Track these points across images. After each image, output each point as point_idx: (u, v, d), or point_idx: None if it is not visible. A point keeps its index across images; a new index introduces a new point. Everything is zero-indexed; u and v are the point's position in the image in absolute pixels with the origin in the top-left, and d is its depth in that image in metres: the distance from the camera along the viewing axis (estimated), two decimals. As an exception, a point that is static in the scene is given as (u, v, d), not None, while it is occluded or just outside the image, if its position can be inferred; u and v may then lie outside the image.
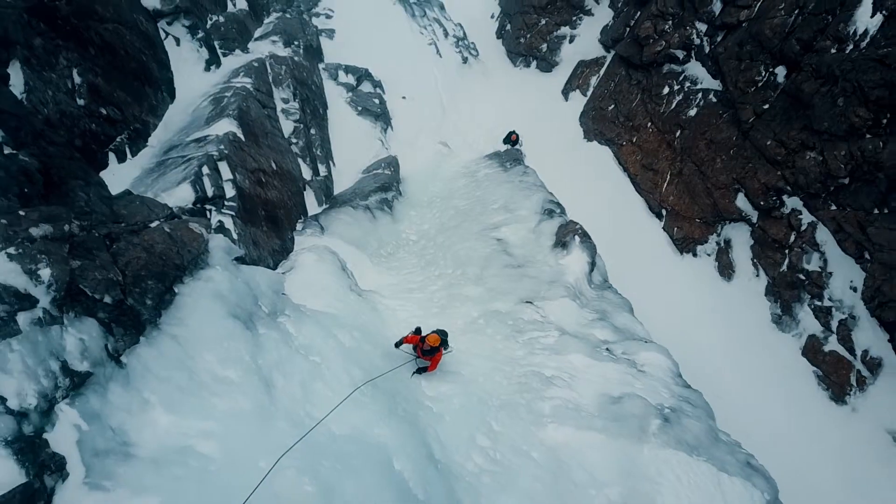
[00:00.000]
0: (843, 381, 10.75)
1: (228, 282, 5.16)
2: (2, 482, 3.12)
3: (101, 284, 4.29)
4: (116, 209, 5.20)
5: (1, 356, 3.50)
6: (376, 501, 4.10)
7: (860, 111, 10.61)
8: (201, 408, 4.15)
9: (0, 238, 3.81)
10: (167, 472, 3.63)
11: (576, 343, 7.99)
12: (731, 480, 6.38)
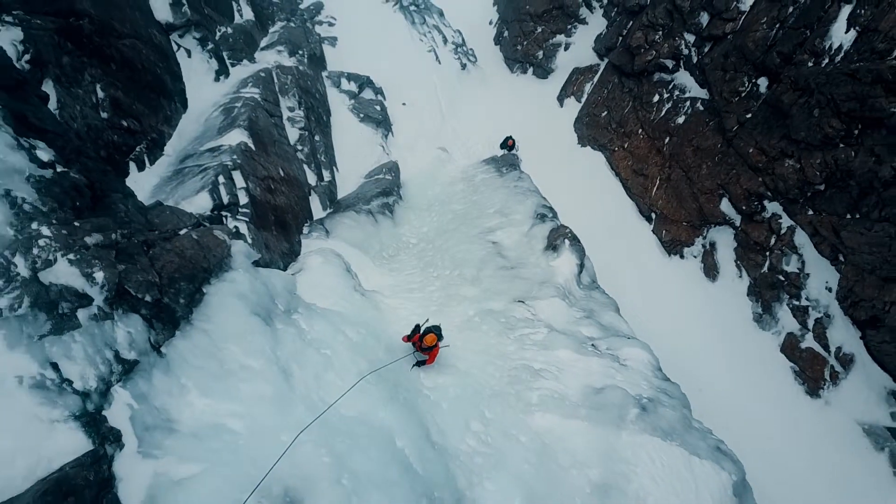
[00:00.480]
0: (817, 375, 11.41)
1: (249, 283, 5.82)
2: (75, 448, 3.80)
3: (143, 285, 4.95)
4: (150, 218, 5.86)
5: (66, 346, 4.18)
6: (381, 472, 4.76)
7: (833, 122, 11.28)
8: (230, 392, 4.81)
9: (62, 245, 4.48)
10: (205, 445, 4.28)
11: (563, 339, 8.65)
12: (701, 463, 7.03)
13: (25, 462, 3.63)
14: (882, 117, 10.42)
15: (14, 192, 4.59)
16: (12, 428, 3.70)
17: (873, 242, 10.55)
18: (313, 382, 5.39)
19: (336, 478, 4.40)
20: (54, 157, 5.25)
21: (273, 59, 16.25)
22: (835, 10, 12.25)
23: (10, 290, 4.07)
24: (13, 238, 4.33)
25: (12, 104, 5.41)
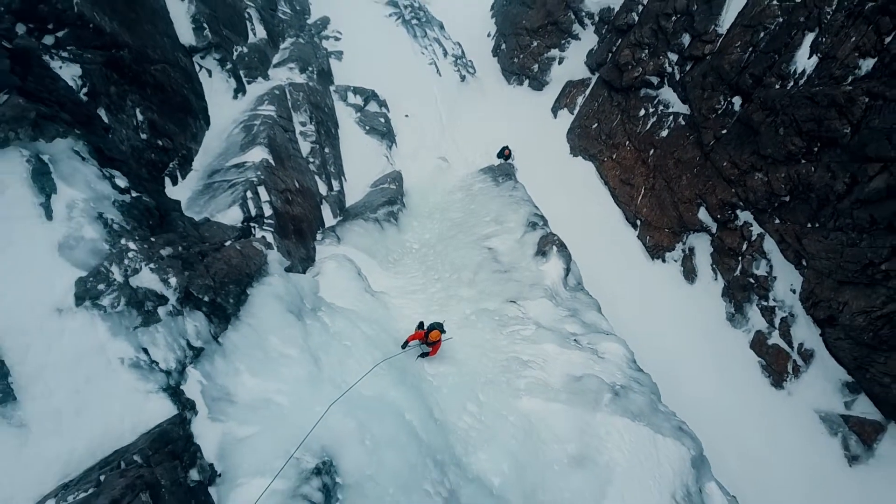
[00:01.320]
0: (781, 369, 12.61)
1: (283, 286, 7.03)
2: (165, 412, 5.01)
3: (202, 288, 6.16)
4: (201, 232, 7.07)
5: (152, 335, 5.39)
6: (394, 437, 5.96)
7: (796, 140, 12.50)
8: (273, 373, 6.02)
9: (144, 257, 5.68)
10: (258, 413, 5.49)
11: (549, 335, 9.85)
12: (664, 440, 8.24)
13: (130, 422, 4.86)
14: (836, 137, 11.63)
15: (105, 214, 5.80)
16: (120, 396, 4.92)
17: (829, 249, 11.76)
18: (338, 367, 6.60)
19: (360, 439, 5.60)
20: (128, 184, 6.46)
21: (285, 76, 17.46)
22: (799, 37, 13.47)
23: (110, 293, 5.28)
24: (109, 251, 5.54)
25: (92, 139, 6.62)
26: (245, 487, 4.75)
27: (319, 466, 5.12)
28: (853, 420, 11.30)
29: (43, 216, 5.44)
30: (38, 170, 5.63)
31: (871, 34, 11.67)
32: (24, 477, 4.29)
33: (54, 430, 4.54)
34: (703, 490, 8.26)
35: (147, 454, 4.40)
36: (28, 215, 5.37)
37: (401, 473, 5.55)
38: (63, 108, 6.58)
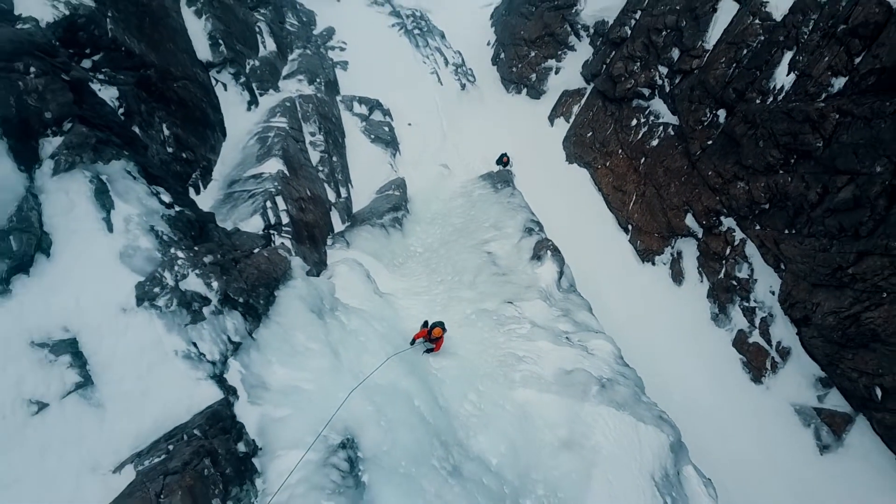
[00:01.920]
0: (760, 366, 13.51)
1: (305, 288, 7.94)
2: (213, 396, 5.90)
3: (238, 291, 7.07)
4: (233, 241, 7.98)
5: (199, 331, 6.30)
6: (406, 419, 6.86)
7: (774, 152, 13.42)
8: (300, 364, 6.93)
9: (191, 264, 6.59)
10: (290, 398, 6.40)
11: (543, 333, 10.76)
12: (645, 427, 9.14)
13: (185, 403, 5.76)
14: (810, 150, 12.55)
15: (156, 227, 6.72)
16: (175, 382, 5.83)
17: (804, 254, 12.67)
18: (355, 360, 7.50)
19: (377, 420, 6.50)
20: (172, 199, 7.37)
21: (294, 88, 18.38)
22: (779, 55, 14.38)
23: (164, 295, 6.19)
24: (161, 259, 6.45)
25: (138, 159, 7.54)
26: (282, 459, 5.65)
27: (344, 442, 6.02)
28: (825, 412, 12.20)
29: (105, 229, 6.36)
30: (99, 189, 6.54)
31: (843, 54, 12.59)
32: (104, 447, 5.20)
33: (125, 409, 5.45)
34: (681, 472, 9.16)
35: (204, 429, 5.30)
36: (93, 228, 6.28)
37: (412, 450, 6.45)
38: (112, 132, 7.51)
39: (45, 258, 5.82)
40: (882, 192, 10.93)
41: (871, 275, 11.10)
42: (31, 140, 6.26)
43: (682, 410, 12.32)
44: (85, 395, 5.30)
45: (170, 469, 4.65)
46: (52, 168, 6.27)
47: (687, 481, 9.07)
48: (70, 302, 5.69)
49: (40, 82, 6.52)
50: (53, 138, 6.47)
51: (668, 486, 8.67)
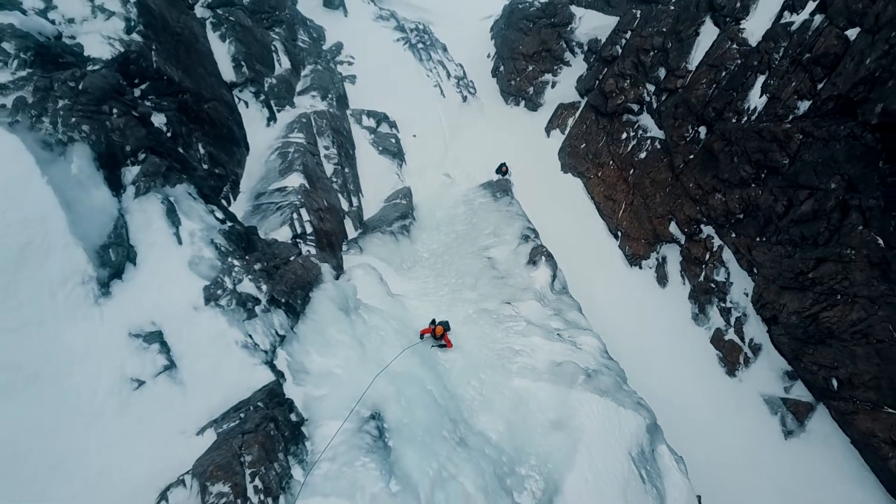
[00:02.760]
0: (734, 360, 14.93)
1: (334, 290, 9.35)
2: (267, 378, 7.31)
3: (280, 293, 8.48)
4: (273, 250, 9.39)
5: (253, 325, 7.71)
6: (421, 399, 8.26)
7: (746, 167, 14.86)
8: (333, 354, 8.34)
9: (245, 270, 8.01)
10: (326, 380, 7.80)
11: (537, 330, 12.17)
12: (625, 411, 10.54)
13: (245, 384, 7.17)
14: (777, 167, 13.98)
15: (215, 240, 8.13)
16: (237, 366, 7.23)
17: (773, 259, 14.11)
18: (377, 351, 8.90)
19: (398, 399, 7.90)
20: (224, 216, 8.79)
21: (309, 104, 19.80)
22: (753, 78, 15.83)
23: (225, 296, 7.61)
24: (221, 267, 7.86)
25: (195, 181, 8.95)
26: (324, 427, 7.04)
27: (373, 415, 7.41)
28: (790, 402, 13.63)
29: (176, 242, 7.78)
30: (169, 209, 7.97)
31: (807, 80, 14.04)
32: (187, 417, 6.61)
33: (201, 387, 6.86)
34: (656, 450, 10.57)
35: (265, 402, 6.70)
36: (167, 242, 7.71)
37: (426, 423, 7.84)
38: (173, 159, 8.95)
39: (133, 266, 7.24)
40: (836, 206, 12.37)
41: (827, 279, 12.55)
42: (117, 170, 7.68)
43: (663, 400, 13.72)
44: (171, 375, 6.71)
45: (245, 430, 6.06)
46: (133, 192, 7.69)
47: (660, 457, 10.47)
48: (155, 301, 7.11)
49: (121, 121, 7.94)
50: (132, 167, 7.89)
51: (644, 461, 10.07)
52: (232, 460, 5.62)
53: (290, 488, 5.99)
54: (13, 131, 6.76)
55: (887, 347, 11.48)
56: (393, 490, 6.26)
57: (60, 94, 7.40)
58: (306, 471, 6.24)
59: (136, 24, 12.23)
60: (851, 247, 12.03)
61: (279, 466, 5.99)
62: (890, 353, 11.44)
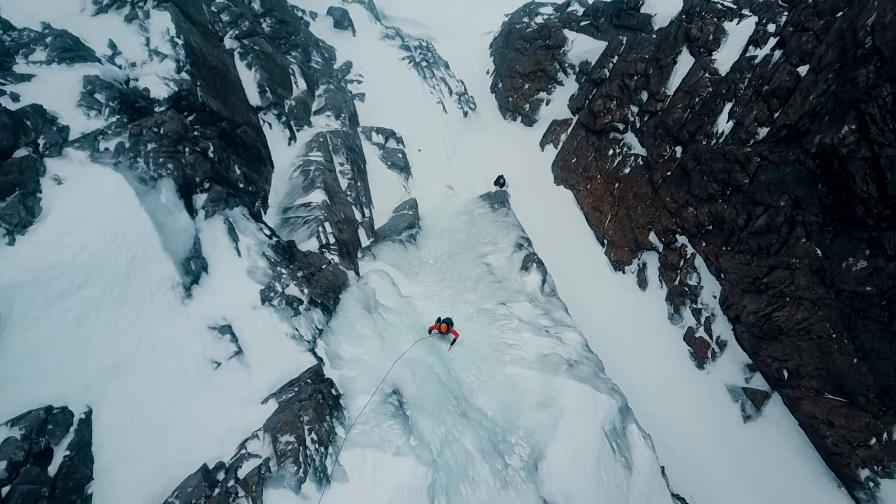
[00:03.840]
0: (703, 355, 16.92)
1: (359, 292, 11.37)
2: (312, 362, 9.32)
3: (317, 295, 10.49)
4: (308, 260, 11.39)
5: (298, 321, 9.73)
6: (430, 380, 10.26)
7: (714, 185, 16.87)
8: (360, 344, 10.35)
9: (291, 277, 10.02)
10: (356, 364, 9.82)
11: (528, 327, 14.16)
12: (600, 395, 12.51)
13: (295, 366, 9.18)
14: (739, 185, 16.00)
15: (266, 252, 10.15)
16: (288, 353, 9.25)
17: (736, 266, 16.11)
18: (394, 342, 10.90)
19: (413, 379, 9.89)
20: (270, 232, 10.80)
21: (324, 123, 21.82)
22: (721, 105, 17.85)
23: (276, 298, 9.62)
24: (272, 274, 9.88)
25: (245, 202, 10.97)
26: (357, 400, 9.03)
27: (394, 391, 9.41)
28: (749, 391, 15.60)
29: (236, 255, 9.81)
30: (230, 228, 10.00)
31: (766, 110, 16.07)
32: (252, 390, 8.61)
33: (262, 368, 8.87)
34: (626, 428, 12.55)
35: (313, 379, 8.71)
36: (230, 256, 9.74)
37: (435, 399, 9.83)
38: (228, 185, 10.98)
39: (206, 274, 9.26)
40: (784, 221, 14.40)
41: (778, 283, 14.57)
42: (191, 197, 9.71)
43: (640, 388, 15.70)
44: (240, 359, 8.72)
45: (300, 398, 8.06)
46: (203, 215, 9.71)
47: (630, 434, 12.46)
48: (224, 301, 9.13)
49: (192, 158, 9.99)
50: (202, 195, 9.93)
51: (615, 436, 12.07)
52: (294, 419, 7.62)
53: (335, 441, 7.99)
54: (118, 170, 8.80)
55: (825, 342, 13.50)
56: (412, 444, 8.27)
57: (148, 139, 9.44)
58: (346, 429, 8.25)
59: (185, 63, 14.23)
60: (796, 256, 14.06)
61: (327, 425, 7.99)
62: (827, 347, 13.46)
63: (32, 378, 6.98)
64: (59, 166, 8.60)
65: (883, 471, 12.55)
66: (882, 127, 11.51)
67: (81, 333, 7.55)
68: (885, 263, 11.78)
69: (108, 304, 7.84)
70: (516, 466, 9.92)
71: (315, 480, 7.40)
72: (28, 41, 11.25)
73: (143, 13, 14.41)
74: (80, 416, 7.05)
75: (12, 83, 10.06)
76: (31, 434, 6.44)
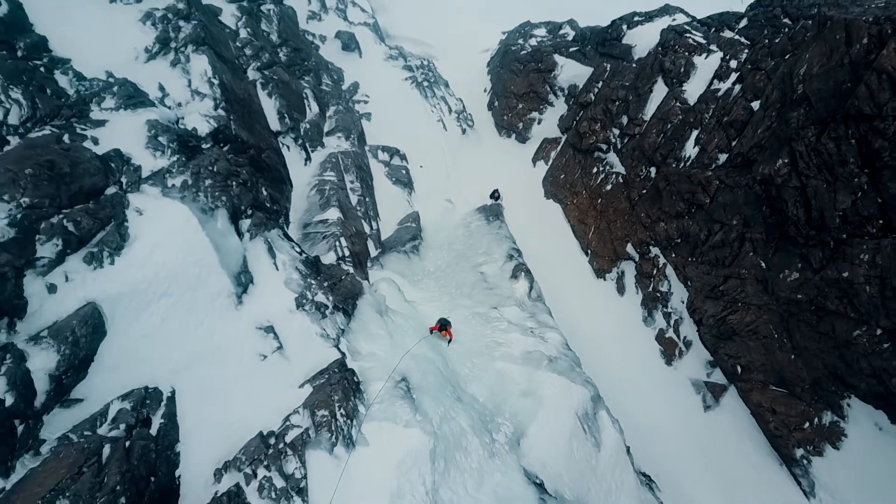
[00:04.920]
0: (672, 353, 19.20)
1: (373, 298, 13.67)
2: (336, 356, 11.62)
3: (339, 301, 12.80)
4: (330, 272, 13.69)
5: (325, 322, 12.05)
6: (432, 370, 12.55)
7: (681, 204, 19.19)
8: (374, 342, 12.66)
9: (319, 287, 12.32)
10: (371, 358, 12.12)
11: (515, 328, 16.45)
12: (575, 386, 14.79)
13: (324, 359, 11.49)
14: (702, 204, 18.31)
15: (298, 267, 12.47)
16: (318, 348, 11.56)
17: (699, 275, 18.41)
18: (401, 340, 13.19)
19: (417, 370, 12.17)
20: (300, 250, 13.11)
21: (335, 144, 24.15)
22: (689, 131, 20.18)
23: (308, 304, 11.93)
24: (304, 284, 12.19)
25: (279, 226, 13.28)
26: (373, 385, 11.30)
27: (402, 379, 11.70)
28: (710, 384, 17.89)
29: (274, 269, 12.12)
30: (269, 247, 12.31)
31: (725, 138, 18.40)
32: (291, 377, 10.91)
33: (298, 360, 11.17)
34: (597, 414, 14.82)
35: (339, 369, 11.01)
36: (270, 270, 12.05)
37: (435, 386, 12.10)
38: (265, 210, 13.29)
39: (252, 285, 11.57)
40: (737, 237, 16.71)
41: (731, 291, 16.87)
42: (237, 222, 12.02)
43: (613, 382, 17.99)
44: (281, 353, 11.03)
45: (330, 383, 10.36)
46: (248, 237, 12.03)
47: (600, 419, 14.72)
48: (267, 307, 11.44)
49: (238, 190, 12.31)
50: (246, 220, 12.23)
51: (587, 420, 14.35)
52: (327, 398, 9.91)
53: (358, 416, 10.28)
54: (184, 203, 11.12)
55: (769, 342, 15.80)
56: (417, 419, 10.56)
57: (205, 176, 11.77)
58: (366, 407, 10.55)
59: (220, 101, 16.55)
60: (745, 268, 16.38)
61: (351, 404, 10.28)
62: (770, 345, 15.77)
63: (133, 366, 9.29)
64: (139, 200, 10.92)
65: (814, 450, 14.84)
66: (808, 162, 13.84)
67: (165, 332, 9.87)
68: (812, 275, 14.09)
69: (182, 310, 10.16)
70: (502, 441, 12.21)
71: (344, 445, 9.70)
72: (98, 90, 13.53)
73: (184, 57, 16.71)
74: (168, 395, 9.35)
75: (91, 128, 12.37)
76: (137, 406, 8.74)
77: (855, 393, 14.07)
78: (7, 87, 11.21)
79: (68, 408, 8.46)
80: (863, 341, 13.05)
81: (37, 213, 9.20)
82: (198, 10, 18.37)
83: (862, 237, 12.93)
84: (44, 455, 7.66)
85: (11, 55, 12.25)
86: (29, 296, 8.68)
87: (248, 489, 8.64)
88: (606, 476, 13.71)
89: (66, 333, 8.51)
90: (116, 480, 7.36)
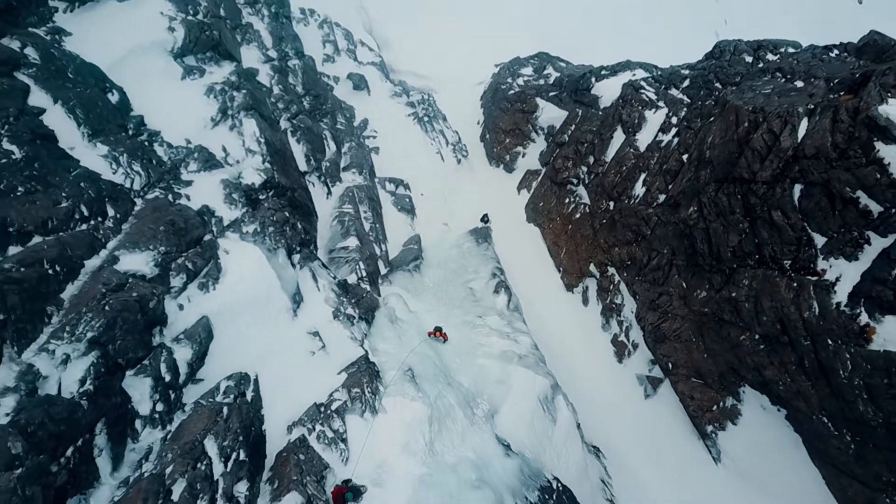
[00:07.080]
0: (622, 353, 23.92)
1: (385, 311, 18.45)
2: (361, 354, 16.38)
3: (363, 313, 17.56)
4: (355, 291, 18.42)
5: (354, 328, 16.84)
6: (431, 363, 17.27)
7: (629, 233, 23.99)
8: (388, 342, 17.43)
9: (349, 303, 17.08)
10: (386, 355, 16.88)
11: (495, 333, 21.19)
12: (538, 376, 19.50)
13: (353, 355, 16.25)
14: (644, 235, 23.09)
15: (333, 288, 17.26)
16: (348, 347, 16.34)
17: (643, 291, 23.17)
18: (408, 341, 17.90)
19: (419, 363, 16.85)
20: (334, 274, 17.86)
21: (351, 178, 28.93)
22: (639, 174, 24.98)
23: (342, 315, 16.71)
24: (339, 301, 16.96)
25: (317, 258, 18.06)
26: (388, 373, 15.97)
27: (409, 369, 16.39)
28: (650, 378, 22.63)
29: (317, 290, 16.91)
30: (313, 274, 17.10)
31: (663, 182, 23.22)
32: (332, 367, 15.66)
33: (337, 355, 15.92)
34: (555, 398, 19.55)
35: (366, 362, 15.74)
36: (313, 290, 16.84)
37: (433, 375, 16.80)
38: (306, 246, 18.11)
39: (303, 302, 16.34)
40: (667, 262, 21.50)
41: (664, 305, 21.65)
42: (291, 257, 16.81)
43: (576, 375, 22.76)
44: (325, 350, 15.77)
45: (360, 371, 15.09)
46: (298, 268, 16.80)
47: (557, 402, 19.43)
48: (313, 318, 16.19)
49: (291, 232, 17.10)
50: (297, 255, 17.01)
51: (547, 402, 19.07)
52: (358, 381, 14.64)
53: (379, 393, 15.02)
54: (256, 245, 15.89)
55: (689, 344, 20.56)
56: (420, 395, 15.28)
57: (269, 224, 16.56)
58: (384, 387, 15.28)
59: (266, 156, 21.34)
60: (672, 287, 21.16)
61: (374, 385, 15.01)
62: (690, 347, 20.53)
63: (230, 359, 14.01)
64: (225, 244, 15.67)
65: (720, 426, 19.58)
66: (710, 210, 18.65)
67: (248, 335, 14.61)
68: (714, 294, 18.89)
69: (259, 321, 14.92)
70: (480, 415, 16.95)
71: (370, 411, 14.43)
72: (183, 156, 18.29)
73: (238, 122, 21.51)
74: (254, 378, 14.08)
75: (184, 187, 17.14)
76: (238, 384, 13.47)
77: (747, 382, 18.85)
78: (130, 161, 16.00)
79: (196, 384, 13.18)
80: (746, 344, 17.84)
81: (169, 257, 13.97)
82: (246, 80, 23.21)
83: (745, 267, 17.74)
84: (188, 413, 12.39)
85: (127, 134, 17.05)
86: (168, 312, 13.43)
87: (309, 438, 13.36)
88: (559, 443, 18.44)
89: (195, 336, 13.27)
90: (237, 426, 12.09)
